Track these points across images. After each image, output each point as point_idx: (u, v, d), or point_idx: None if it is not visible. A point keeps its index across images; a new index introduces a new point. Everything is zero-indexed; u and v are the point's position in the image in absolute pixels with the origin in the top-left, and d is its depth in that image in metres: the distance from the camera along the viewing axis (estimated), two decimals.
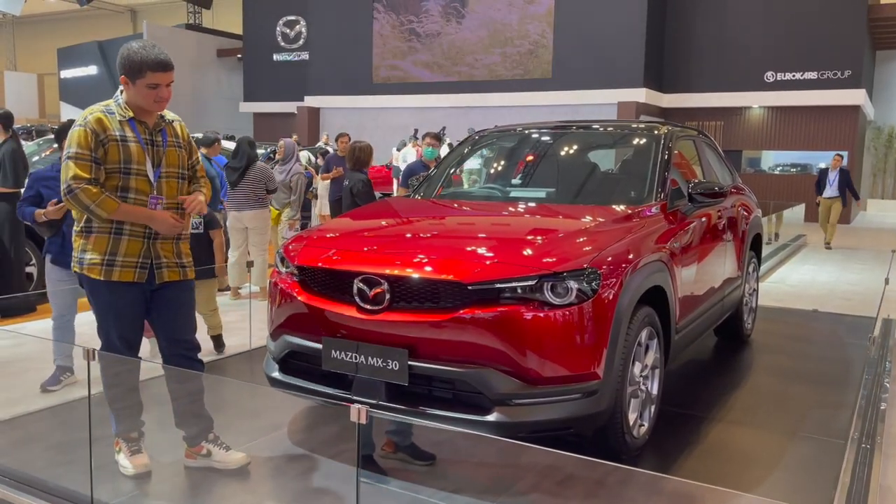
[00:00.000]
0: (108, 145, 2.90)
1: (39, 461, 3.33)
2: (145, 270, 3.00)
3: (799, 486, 3.25)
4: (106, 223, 2.94)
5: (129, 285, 2.98)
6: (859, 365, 4.94)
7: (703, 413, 4.00)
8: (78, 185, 2.83)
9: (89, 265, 2.96)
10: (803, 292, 8.50)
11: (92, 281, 2.97)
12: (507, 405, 2.89)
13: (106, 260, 2.94)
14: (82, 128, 2.89)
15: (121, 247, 2.95)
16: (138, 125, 2.98)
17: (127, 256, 2.96)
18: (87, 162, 2.86)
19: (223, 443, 3.18)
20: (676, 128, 4.66)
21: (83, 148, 2.86)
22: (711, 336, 5.33)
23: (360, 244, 3.49)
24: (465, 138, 5.17)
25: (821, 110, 17.88)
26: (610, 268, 3.09)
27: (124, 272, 2.96)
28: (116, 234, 2.95)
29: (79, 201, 2.85)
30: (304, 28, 24.24)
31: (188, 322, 3.20)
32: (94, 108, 2.97)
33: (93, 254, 2.95)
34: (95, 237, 2.95)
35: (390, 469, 3.17)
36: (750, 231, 5.30)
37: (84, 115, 2.93)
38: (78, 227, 3.01)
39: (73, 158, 2.86)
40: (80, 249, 2.99)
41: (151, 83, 2.90)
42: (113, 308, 2.99)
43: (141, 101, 2.94)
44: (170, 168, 3.05)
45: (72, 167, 2.85)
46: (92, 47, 27.19)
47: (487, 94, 19.60)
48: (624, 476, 3.03)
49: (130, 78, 2.92)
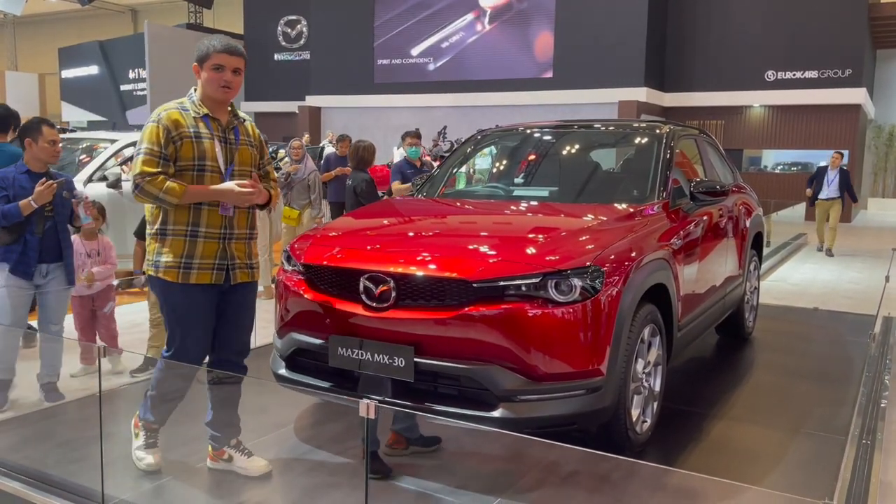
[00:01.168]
0: (182, 142, 2.90)
1: (49, 458, 3.36)
2: (222, 272, 2.99)
3: (800, 481, 3.28)
4: (181, 226, 2.93)
5: (206, 287, 2.96)
6: (860, 362, 4.97)
7: (705, 410, 4.04)
8: (142, 179, 2.83)
9: (165, 268, 2.92)
10: (804, 291, 8.53)
11: (168, 284, 2.94)
12: (512, 401, 2.93)
13: (183, 262, 2.92)
14: (155, 124, 2.89)
15: (197, 249, 2.94)
16: (212, 122, 2.98)
17: (204, 258, 2.94)
18: (156, 158, 2.86)
19: (246, 448, 3.18)
20: (678, 127, 4.70)
21: (153, 144, 2.87)
22: (713, 334, 5.37)
23: (365, 242, 3.52)
24: (468, 138, 5.20)
25: (821, 109, 17.89)
26: (613, 266, 3.12)
27: (202, 274, 2.94)
28: (192, 237, 2.93)
29: (147, 193, 2.84)
30: (305, 27, 24.27)
31: (249, 324, 3.21)
32: (169, 105, 2.98)
33: (169, 256, 2.92)
34: (171, 240, 2.93)
35: (396, 465, 3.20)
36: (751, 229, 5.34)
37: (158, 112, 2.93)
38: (152, 229, 2.99)
39: (142, 154, 2.86)
40: (156, 252, 2.97)
41: (216, 64, 2.91)
42: (189, 311, 2.96)
43: (209, 88, 2.94)
44: (242, 167, 3.03)
45: (139, 163, 2.86)
46: (93, 47, 27.20)
47: (488, 93, 19.61)
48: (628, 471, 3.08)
49: (200, 64, 2.94)
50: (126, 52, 25.57)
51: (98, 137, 8.57)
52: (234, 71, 2.95)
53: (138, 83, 25.08)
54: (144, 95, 23.40)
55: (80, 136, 9.21)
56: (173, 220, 2.94)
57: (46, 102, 32.28)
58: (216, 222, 2.97)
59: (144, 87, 23.59)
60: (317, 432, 3.69)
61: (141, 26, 29.50)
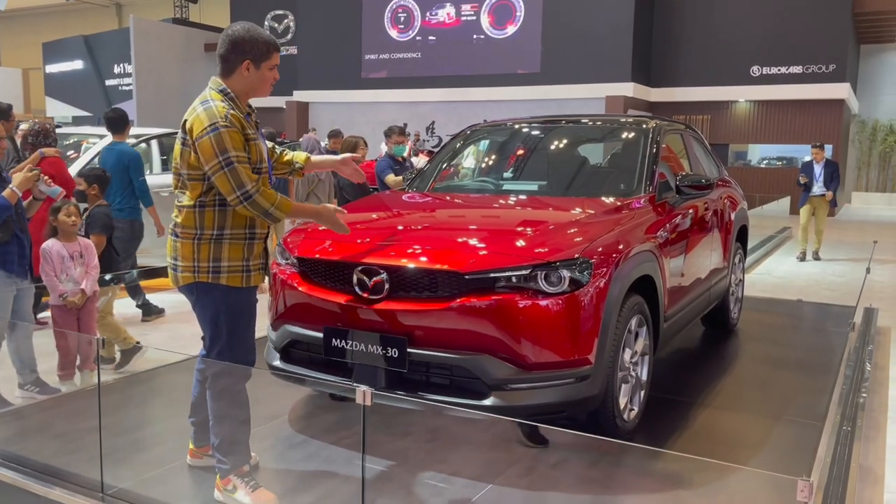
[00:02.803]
0: (250, 144, 2.72)
1: (47, 449, 3.40)
2: (265, 272, 2.93)
3: (782, 466, 3.38)
4: (240, 229, 2.78)
5: (254, 289, 2.89)
6: (841, 352, 5.08)
7: (691, 399, 4.13)
8: (256, 188, 2.66)
9: (229, 273, 2.77)
10: (789, 283, 8.66)
11: (232, 289, 2.78)
12: (502, 390, 3.00)
13: (244, 266, 2.81)
14: (230, 128, 2.64)
15: (253, 251, 2.84)
16: (252, 120, 2.82)
17: (255, 260, 2.86)
18: (248, 164, 2.67)
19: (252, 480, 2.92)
20: (664, 122, 4.77)
21: (240, 150, 2.66)
22: (699, 325, 5.46)
23: (358, 235, 3.58)
24: (458, 133, 5.26)
25: (806, 104, 18.09)
26: (601, 257, 3.20)
27: (256, 276, 2.86)
28: (250, 240, 2.82)
29: (257, 206, 2.67)
30: (292, 22, 24.19)
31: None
32: (220, 104, 2.69)
33: (231, 261, 2.77)
34: (230, 244, 2.77)
35: (390, 453, 3.27)
36: (736, 222, 5.43)
37: (220, 114, 2.65)
38: (205, 234, 2.75)
39: (238, 162, 2.64)
40: (212, 258, 2.75)
41: (275, 64, 2.79)
42: (248, 315, 2.88)
43: (263, 87, 2.80)
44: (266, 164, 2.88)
45: (241, 171, 2.64)
46: (77, 41, 26.98)
47: (476, 88, 19.65)
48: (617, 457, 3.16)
49: (257, 61, 2.74)
50: (111, 47, 25.39)
51: (85, 133, 8.55)
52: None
53: (124, 78, 24.91)
54: (130, 91, 23.26)
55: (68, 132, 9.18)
56: (232, 224, 2.76)
57: (31, 98, 31.99)
58: (263, 224, 2.85)
59: (130, 83, 23.45)
60: (311, 423, 3.75)
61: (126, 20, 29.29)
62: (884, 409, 4.26)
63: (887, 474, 3.41)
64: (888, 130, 21.67)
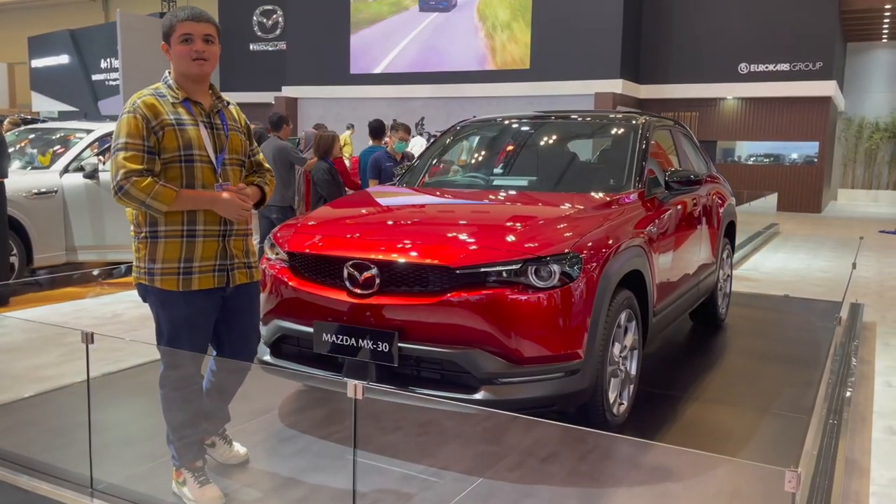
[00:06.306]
0: (164, 131, 2.59)
1: (36, 445, 3.39)
2: (223, 274, 2.72)
3: (769, 459, 3.41)
4: (176, 226, 2.63)
5: (207, 293, 2.69)
6: (827, 346, 5.13)
7: (680, 392, 4.16)
8: (127, 180, 2.50)
9: (162, 275, 2.63)
10: (776, 279, 8.72)
11: (165, 293, 2.64)
12: (493, 384, 3.02)
13: (182, 268, 2.63)
14: (130, 114, 2.58)
15: (196, 250, 2.65)
16: (193, 106, 2.69)
17: (203, 261, 2.66)
18: (139, 152, 2.54)
19: (228, 436, 3.13)
20: (653, 118, 4.80)
21: (133, 136, 2.55)
22: (687, 320, 5.50)
23: (349, 230, 3.58)
24: (448, 129, 5.26)
25: (793, 101, 18.19)
26: (591, 252, 3.22)
27: (203, 279, 2.66)
28: (189, 238, 2.64)
29: (132, 197, 2.53)
30: (281, 17, 24.08)
31: (254, 331, 3.01)
32: (144, 91, 2.66)
33: (165, 262, 2.63)
34: (165, 243, 2.63)
35: (381, 447, 3.28)
36: (724, 218, 5.47)
37: (132, 101, 2.62)
38: (141, 232, 2.66)
39: (122, 150, 2.54)
40: (147, 259, 2.65)
41: (184, 34, 2.62)
42: (189, 321, 2.69)
43: (182, 64, 2.65)
44: (233, 155, 2.77)
45: (120, 161, 2.53)
46: (63, 36, 26.71)
47: (466, 84, 19.64)
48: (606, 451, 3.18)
49: (167, 40, 2.67)
50: (98, 42, 25.16)
51: (72, 127, 8.49)
52: (206, 39, 2.65)
53: (110, 73, 24.69)
54: (117, 85, 23.04)
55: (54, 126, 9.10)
56: (166, 221, 2.63)
57: (16, 92, 31.67)
58: (215, 218, 2.68)
59: (117, 77, 23.23)
60: (301, 417, 3.75)
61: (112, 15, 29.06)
62: (869, 402, 4.30)
63: (873, 467, 3.44)
64: (874, 128, 21.85)
